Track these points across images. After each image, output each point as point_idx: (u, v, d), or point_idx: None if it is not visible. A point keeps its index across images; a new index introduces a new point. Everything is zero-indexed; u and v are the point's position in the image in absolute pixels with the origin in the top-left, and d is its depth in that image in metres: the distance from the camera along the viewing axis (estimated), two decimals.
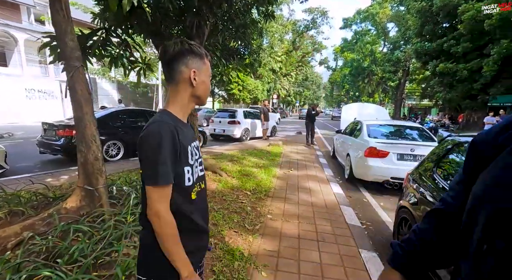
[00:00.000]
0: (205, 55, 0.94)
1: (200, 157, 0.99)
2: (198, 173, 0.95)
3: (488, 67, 11.72)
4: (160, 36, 4.25)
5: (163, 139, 0.81)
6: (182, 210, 0.88)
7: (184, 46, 0.90)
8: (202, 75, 0.93)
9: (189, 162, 0.89)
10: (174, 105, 0.92)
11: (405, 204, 2.67)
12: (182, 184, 0.87)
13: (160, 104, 18.64)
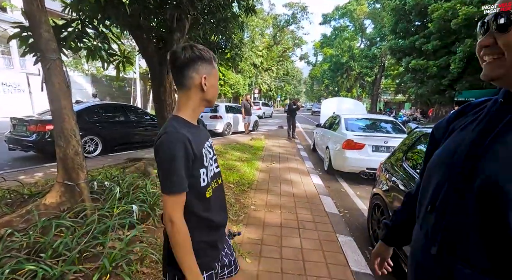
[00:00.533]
0: (213, 59, 0.96)
1: (215, 155, 1.06)
2: (213, 171, 1.01)
3: (455, 64, 12.53)
4: (139, 28, 4.15)
5: (175, 150, 0.83)
6: (196, 209, 0.93)
7: (194, 53, 0.90)
8: (211, 79, 0.95)
9: (204, 165, 0.93)
10: (186, 110, 0.94)
11: (378, 192, 2.89)
12: (197, 186, 0.92)
13: (138, 98, 18.01)
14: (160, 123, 4.63)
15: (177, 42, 4.31)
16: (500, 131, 0.58)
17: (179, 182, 0.84)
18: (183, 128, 0.89)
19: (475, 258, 0.57)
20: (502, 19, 0.56)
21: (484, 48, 0.61)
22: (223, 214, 1.07)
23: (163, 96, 4.43)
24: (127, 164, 4.80)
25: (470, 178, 0.59)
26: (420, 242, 0.73)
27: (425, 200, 0.72)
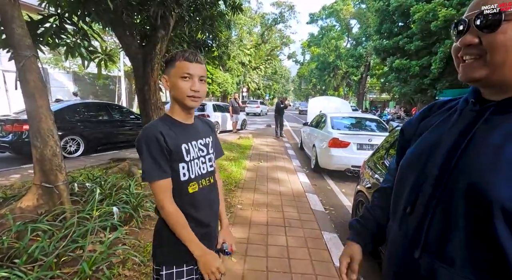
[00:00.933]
0: (177, 58, 0.95)
1: (209, 154, 1.07)
2: (201, 169, 1.03)
3: (435, 64, 12.97)
4: (121, 25, 4.03)
5: (146, 142, 0.93)
6: (178, 201, 0.98)
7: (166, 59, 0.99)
8: (171, 77, 0.97)
9: (184, 159, 0.98)
10: (171, 109, 1.03)
11: (362, 189, 2.95)
12: (178, 179, 0.98)
13: (123, 97, 17.56)
14: (145, 122, 4.52)
15: (161, 39, 4.23)
16: (477, 132, 0.58)
17: (149, 171, 0.92)
18: (162, 124, 0.97)
19: (459, 260, 0.56)
20: (490, 18, 0.54)
21: (465, 48, 0.59)
22: (210, 214, 1.07)
23: (147, 94, 4.34)
24: (110, 164, 4.67)
25: (453, 180, 0.58)
26: (399, 243, 0.70)
27: (402, 200, 0.71)
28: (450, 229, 0.57)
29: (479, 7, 0.56)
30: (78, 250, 1.96)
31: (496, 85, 0.58)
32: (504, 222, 0.50)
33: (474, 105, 0.63)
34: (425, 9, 12.95)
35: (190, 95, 0.95)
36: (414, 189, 0.67)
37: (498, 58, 0.54)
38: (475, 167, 0.56)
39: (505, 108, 0.57)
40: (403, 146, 0.83)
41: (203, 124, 1.13)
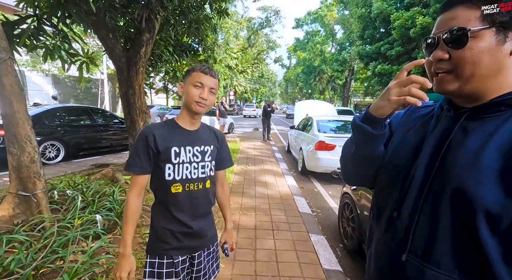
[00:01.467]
0: (195, 69, 1.07)
1: (203, 162, 1.12)
2: (186, 174, 1.08)
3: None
4: (104, 27, 3.94)
5: (138, 139, 1.06)
6: (161, 198, 1.09)
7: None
8: (186, 85, 1.08)
9: (171, 161, 1.05)
10: (179, 115, 1.13)
11: (347, 190, 3.01)
12: (162, 178, 1.06)
13: (106, 100, 17.07)
14: (129, 126, 4.42)
15: (146, 43, 4.17)
16: (456, 136, 0.61)
17: (130, 163, 1.05)
18: (162, 126, 1.09)
19: (446, 262, 0.57)
20: (457, 35, 0.58)
21: (436, 62, 0.62)
22: (193, 216, 1.10)
23: (132, 98, 4.25)
24: (93, 170, 4.52)
25: (438, 184, 0.60)
26: (385, 246, 0.71)
27: (387, 203, 0.72)
28: (436, 232, 0.59)
29: (447, 25, 0.60)
30: (58, 261, 1.87)
31: (469, 96, 0.62)
32: (487, 225, 0.52)
33: (448, 111, 0.67)
34: (404, 16, 13.53)
35: (198, 101, 1.05)
36: (401, 192, 0.68)
37: (467, 71, 0.58)
38: (457, 171, 0.58)
39: (477, 114, 0.61)
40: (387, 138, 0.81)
41: (210, 134, 1.20)
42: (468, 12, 0.58)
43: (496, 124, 0.57)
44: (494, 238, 0.52)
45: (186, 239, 1.10)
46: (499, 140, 0.55)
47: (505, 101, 0.58)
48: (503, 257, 0.52)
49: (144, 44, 4.16)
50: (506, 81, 0.59)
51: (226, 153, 1.27)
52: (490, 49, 0.56)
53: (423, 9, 13.35)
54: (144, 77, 4.43)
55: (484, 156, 0.55)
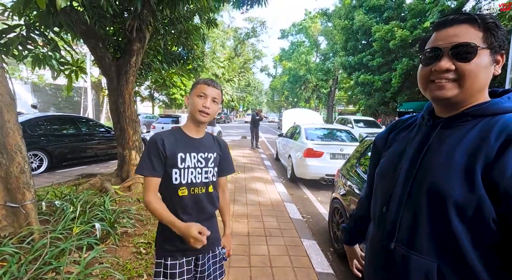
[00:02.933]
0: (200, 82, 1.17)
1: (207, 167, 1.20)
2: (191, 178, 1.16)
3: (395, 80, 14.24)
4: (94, 37, 3.94)
5: (148, 144, 1.14)
6: (169, 202, 1.15)
7: None
8: (191, 96, 1.18)
9: (177, 166, 1.13)
10: (185, 124, 1.23)
11: (337, 196, 3.13)
12: (170, 181, 1.14)
13: (90, 109, 16.62)
14: (119, 135, 4.38)
15: (137, 52, 4.20)
16: (433, 141, 0.73)
17: (142, 166, 1.11)
18: (169, 133, 1.18)
19: (426, 247, 0.68)
20: (465, 50, 0.64)
21: (440, 72, 0.68)
22: (199, 218, 1.15)
23: (121, 107, 4.23)
24: (79, 180, 4.40)
25: (418, 183, 0.71)
26: (377, 239, 0.83)
27: (378, 202, 0.84)
28: (417, 223, 0.70)
29: (452, 40, 0.67)
30: (51, 272, 1.83)
31: (456, 103, 0.71)
32: (457, 215, 0.63)
33: (428, 121, 0.78)
34: (384, 29, 14.30)
35: (201, 110, 1.13)
36: (388, 192, 0.80)
37: (468, 83, 0.67)
38: (432, 171, 0.69)
39: (450, 123, 0.73)
40: (376, 156, 0.97)
41: (214, 142, 1.28)
42: (472, 31, 0.66)
43: (464, 131, 0.69)
44: (463, 226, 0.62)
45: (184, 242, 1.11)
46: (465, 145, 0.66)
47: (470, 113, 0.69)
48: (472, 242, 0.62)
49: (134, 54, 4.19)
50: (483, 95, 0.71)
51: (228, 161, 1.34)
52: (486, 67, 0.67)
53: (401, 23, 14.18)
54: (134, 85, 4.44)
55: (454, 158, 0.66)
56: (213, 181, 1.23)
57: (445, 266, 0.66)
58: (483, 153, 0.62)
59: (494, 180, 0.59)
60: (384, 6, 15.84)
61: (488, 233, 0.61)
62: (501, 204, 0.59)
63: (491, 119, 0.66)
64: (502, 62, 0.70)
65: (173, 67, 6.24)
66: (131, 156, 4.39)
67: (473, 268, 0.62)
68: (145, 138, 8.64)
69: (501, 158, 0.59)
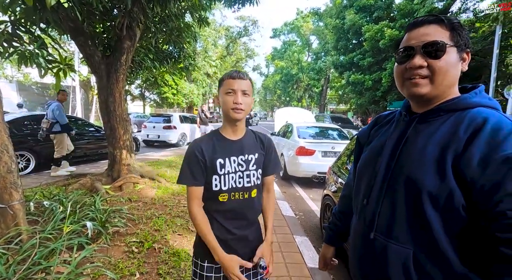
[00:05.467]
0: (224, 77, 1.09)
1: (248, 170, 1.12)
2: (232, 183, 1.10)
3: (385, 79, 14.47)
4: (82, 34, 3.87)
5: (187, 154, 1.11)
6: (209, 206, 1.13)
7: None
8: (220, 95, 1.11)
9: (218, 173, 1.09)
10: (222, 125, 1.17)
11: (328, 193, 3.18)
12: (210, 188, 1.10)
13: (79, 108, 16.28)
14: (109, 134, 4.32)
15: (127, 50, 4.14)
16: (409, 136, 0.77)
17: (182, 176, 1.09)
18: (207, 139, 1.13)
19: (403, 236, 0.72)
20: (435, 48, 0.69)
21: (414, 69, 0.72)
22: (240, 225, 1.12)
23: (112, 106, 4.17)
24: (68, 181, 4.32)
25: (395, 175, 0.75)
26: (359, 230, 0.87)
27: (360, 195, 0.88)
28: (394, 213, 0.74)
29: (423, 39, 0.72)
30: (40, 273, 1.80)
31: (430, 99, 0.76)
32: (431, 204, 0.67)
33: (405, 116, 0.83)
34: (374, 29, 14.51)
35: (233, 108, 1.05)
36: (369, 184, 0.84)
37: (439, 79, 0.72)
38: (408, 163, 0.73)
39: (425, 118, 0.77)
40: (359, 152, 1.01)
41: (255, 141, 1.19)
42: (440, 31, 0.71)
43: (437, 125, 0.73)
44: (436, 214, 0.67)
45: (228, 247, 1.09)
46: (438, 138, 0.70)
47: (443, 107, 0.74)
48: (444, 228, 0.66)
49: (125, 52, 4.13)
50: (454, 91, 0.76)
51: (272, 159, 1.22)
52: (454, 64, 0.72)
53: (390, 22, 14.42)
54: (125, 84, 4.38)
55: (428, 150, 0.70)
56: (257, 184, 1.15)
57: (420, 252, 0.70)
58: (453, 145, 0.66)
59: (462, 170, 0.63)
60: (374, 6, 16.07)
61: (459, 219, 0.65)
62: (469, 192, 0.63)
63: (461, 113, 0.71)
64: (468, 59, 0.75)
65: (164, 66, 6.17)
66: (122, 156, 4.34)
67: (445, 254, 0.66)
68: (136, 138, 8.55)
69: (468, 149, 0.63)
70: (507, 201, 0.58)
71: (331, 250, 1.13)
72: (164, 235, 2.69)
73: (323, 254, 1.15)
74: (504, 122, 0.64)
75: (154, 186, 4.29)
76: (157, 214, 3.19)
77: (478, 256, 0.65)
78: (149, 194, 3.91)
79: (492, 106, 0.72)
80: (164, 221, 3.03)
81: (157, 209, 3.37)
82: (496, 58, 9.72)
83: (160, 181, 4.54)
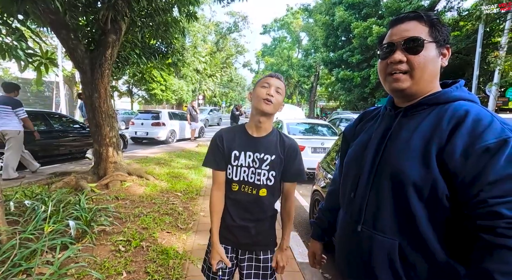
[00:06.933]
0: (263, 77, 1.17)
1: (261, 169, 1.15)
2: (243, 176, 1.17)
3: (373, 76, 14.69)
4: (64, 27, 3.71)
5: (212, 141, 1.23)
6: (226, 192, 1.22)
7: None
8: (254, 89, 1.17)
9: (231, 163, 1.18)
10: (248, 121, 1.23)
11: (317, 188, 3.21)
12: (227, 175, 1.20)
13: (63, 104, 15.73)
14: (94, 131, 4.20)
15: (112, 44, 4.02)
16: (394, 130, 0.78)
17: (206, 160, 1.21)
18: (230, 130, 1.24)
19: (388, 228, 0.73)
20: (414, 43, 0.71)
21: (394, 64, 0.74)
22: (244, 216, 1.19)
23: (97, 102, 4.05)
24: (52, 179, 4.18)
25: (381, 168, 0.76)
26: (346, 223, 0.88)
27: (347, 189, 0.89)
28: (381, 205, 0.76)
29: (403, 35, 0.74)
30: (21, 274, 1.74)
31: (412, 94, 0.77)
32: (416, 195, 0.68)
33: (390, 111, 0.84)
34: (362, 26, 14.66)
35: (265, 98, 1.10)
36: (355, 179, 0.85)
37: (418, 74, 0.73)
38: (393, 156, 0.74)
39: (408, 112, 0.79)
40: (346, 147, 1.01)
41: (277, 143, 1.19)
42: (420, 27, 0.73)
43: (420, 119, 0.75)
44: (421, 204, 0.68)
45: (229, 231, 1.21)
46: (421, 131, 0.72)
47: (426, 102, 0.76)
48: (428, 219, 0.68)
49: (110, 46, 4.01)
50: (435, 86, 0.78)
51: (293, 165, 1.21)
52: (433, 59, 0.74)
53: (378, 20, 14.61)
54: (111, 79, 4.25)
55: (412, 143, 0.72)
56: (267, 185, 1.16)
57: (406, 244, 0.71)
58: (437, 137, 0.68)
59: (445, 160, 0.65)
60: (363, 3, 16.22)
61: (443, 209, 0.66)
62: (452, 182, 0.65)
63: (443, 106, 0.73)
64: (448, 55, 0.77)
65: (152, 61, 6.03)
66: (108, 153, 4.23)
67: (430, 245, 0.68)
68: (124, 135, 8.35)
69: (451, 140, 0.65)
70: (488, 190, 0.60)
71: (319, 246, 1.14)
72: (152, 233, 2.65)
73: (312, 251, 1.15)
74: (484, 114, 0.66)
75: (142, 183, 4.21)
76: (145, 212, 3.14)
77: (461, 245, 0.67)
78: (137, 192, 3.83)
79: (472, 99, 0.75)
80: (153, 219, 2.98)
81: (145, 207, 3.32)
82: (478, 56, 10.02)
83: (148, 178, 4.46)
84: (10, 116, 4.57)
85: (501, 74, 9.89)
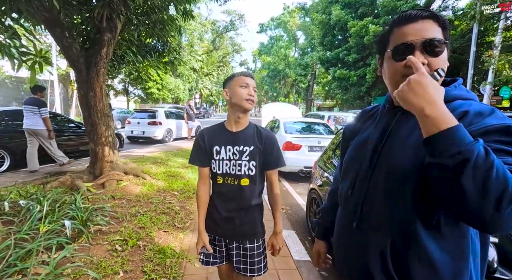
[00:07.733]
0: (236, 75, 1.25)
1: (241, 160, 1.25)
2: (226, 169, 1.26)
3: (369, 75, 14.79)
4: (58, 25, 3.67)
5: (196, 139, 1.34)
6: (213, 186, 1.33)
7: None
8: (231, 88, 1.24)
9: (214, 158, 1.27)
10: (226, 119, 1.32)
11: (314, 187, 3.23)
12: (212, 169, 1.30)
13: (58, 103, 15.57)
14: (90, 130, 4.16)
15: (107, 43, 3.98)
16: (393, 128, 0.79)
17: (191, 158, 1.32)
18: (211, 128, 1.34)
19: (382, 225, 0.74)
20: (435, 45, 0.67)
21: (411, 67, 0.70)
22: (230, 207, 1.28)
23: (92, 101, 4.01)
24: (47, 179, 4.15)
25: (379, 165, 0.77)
26: (343, 220, 0.90)
27: (346, 186, 0.89)
28: (375, 202, 0.77)
29: (421, 35, 0.68)
30: (16, 274, 1.73)
31: None
32: (410, 192, 0.68)
33: (388, 109, 0.85)
34: (358, 25, 14.72)
35: (247, 99, 1.21)
36: (354, 176, 0.86)
37: None
38: (391, 154, 0.75)
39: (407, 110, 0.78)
40: (346, 145, 1.02)
41: (254, 135, 1.30)
42: (436, 27, 0.68)
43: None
44: (415, 201, 0.69)
45: (216, 224, 1.31)
46: (419, 129, 0.70)
47: None
48: (421, 215, 0.69)
49: (105, 44, 3.97)
50: None
51: (272, 154, 1.29)
52: (446, 61, 0.72)
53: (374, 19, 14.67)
54: (106, 78, 4.22)
55: (409, 140, 0.72)
56: (248, 175, 1.26)
57: (399, 240, 0.72)
58: None
59: None
60: (359, 2, 16.28)
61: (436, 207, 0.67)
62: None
63: None
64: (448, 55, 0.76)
65: (148, 60, 5.99)
66: (104, 153, 4.20)
67: (422, 242, 0.68)
68: (120, 134, 8.29)
69: None
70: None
71: (324, 245, 1.14)
72: (149, 233, 2.64)
73: (317, 250, 1.14)
74: (485, 107, 0.67)
75: (139, 183, 4.19)
76: (141, 212, 3.13)
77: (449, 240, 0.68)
78: (134, 191, 3.82)
79: (471, 98, 0.75)
80: (149, 218, 2.97)
81: (141, 206, 3.30)
82: (473, 56, 10.12)
83: (145, 178, 4.44)
84: (38, 116, 4.95)
85: (495, 73, 10.01)
